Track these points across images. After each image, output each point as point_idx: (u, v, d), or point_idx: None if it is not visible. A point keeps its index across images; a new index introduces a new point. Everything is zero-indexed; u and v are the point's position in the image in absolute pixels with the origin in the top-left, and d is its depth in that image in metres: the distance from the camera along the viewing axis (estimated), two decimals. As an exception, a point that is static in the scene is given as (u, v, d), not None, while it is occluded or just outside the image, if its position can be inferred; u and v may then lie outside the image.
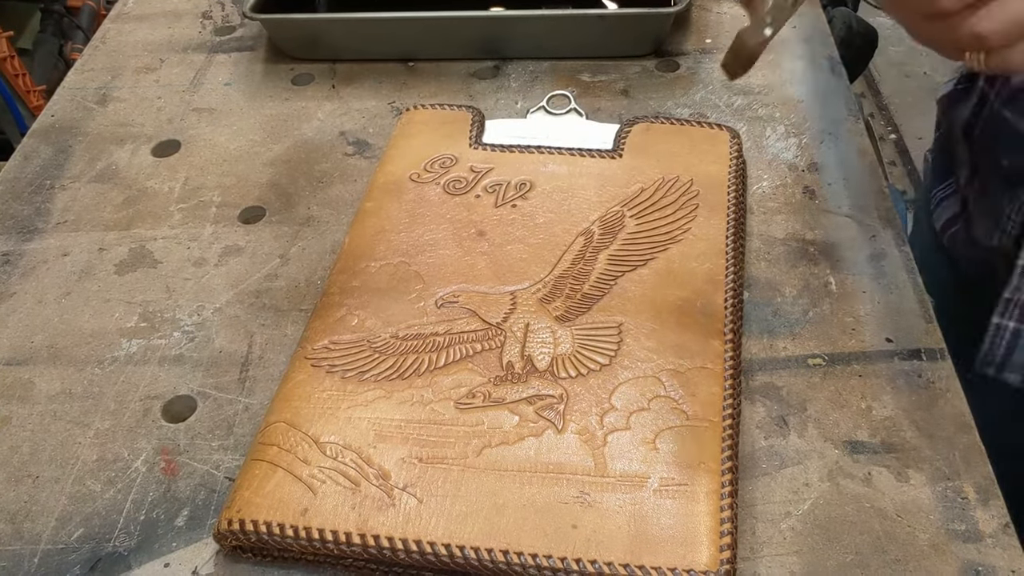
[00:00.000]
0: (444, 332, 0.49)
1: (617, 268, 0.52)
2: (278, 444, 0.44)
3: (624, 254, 0.53)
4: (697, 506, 0.41)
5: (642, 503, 0.41)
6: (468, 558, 0.40)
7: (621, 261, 0.52)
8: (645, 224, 0.54)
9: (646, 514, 0.41)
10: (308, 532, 0.41)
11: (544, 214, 0.55)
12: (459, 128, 0.62)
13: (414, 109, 0.64)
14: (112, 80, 0.74)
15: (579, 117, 0.64)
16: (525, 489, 0.42)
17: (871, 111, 2.10)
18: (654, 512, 0.41)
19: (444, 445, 0.44)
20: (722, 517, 0.40)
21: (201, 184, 0.63)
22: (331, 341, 0.49)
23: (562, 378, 0.47)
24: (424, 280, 0.52)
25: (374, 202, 0.57)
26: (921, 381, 0.48)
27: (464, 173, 0.58)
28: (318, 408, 0.45)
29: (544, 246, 0.53)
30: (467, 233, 0.54)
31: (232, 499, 0.42)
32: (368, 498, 0.42)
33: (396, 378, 0.47)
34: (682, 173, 0.57)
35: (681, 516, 0.40)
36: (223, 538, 0.42)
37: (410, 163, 0.59)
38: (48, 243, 0.60)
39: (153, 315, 0.54)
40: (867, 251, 0.55)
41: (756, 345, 0.50)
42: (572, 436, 0.44)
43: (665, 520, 0.40)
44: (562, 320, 0.50)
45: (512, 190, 0.57)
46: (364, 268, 0.53)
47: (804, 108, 0.66)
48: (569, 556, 0.39)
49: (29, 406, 0.50)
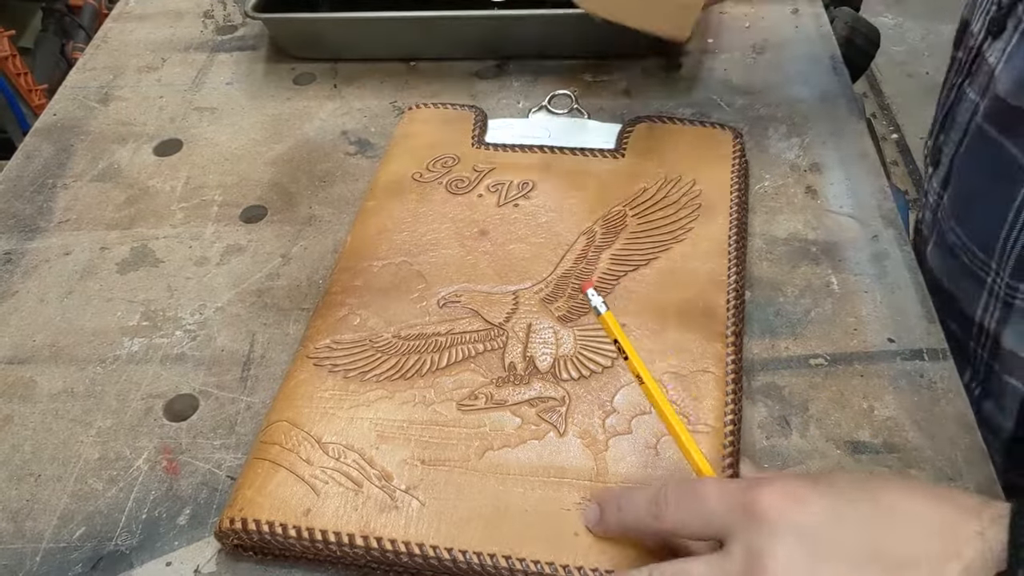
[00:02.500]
0: (446, 332, 0.49)
1: (619, 268, 0.52)
2: (280, 443, 0.44)
3: (626, 253, 0.53)
4: None
5: None
6: (470, 563, 0.40)
7: (623, 260, 0.52)
8: (647, 223, 0.54)
9: None
10: (311, 533, 0.41)
11: (546, 213, 0.55)
12: (461, 128, 0.62)
13: (416, 108, 0.64)
14: (114, 79, 0.74)
15: (581, 117, 0.64)
16: (527, 494, 0.42)
17: (873, 111, 2.10)
18: None
19: (446, 447, 0.44)
20: None
21: (203, 183, 0.63)
22: (333, 340, 0.49)
23: (564, 380, 0.46)
24: (426, 280, 0.52)
25: (376, 201, 0.57)
26: (923, 381, 0.48)
27: (466, 172, 0.58)
28: (320, 408, 0.45)
29: (546, 245, 0.53)
30: (469, 232, 0.54)
31: (234, 498, 0.42)
32: (371, 500, 0.42)
33: (398, 378, 0.47)
34: (685, 173, 0.57)
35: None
36: (225, 537, 0.42)
37: (412, 162, 0.59)
38: (50, 242, 0.60)
39: (155, 314, 0.54)
40: (869, 251, 0.55)
41: (758, 345, 0.50)
42: (574, 439, 0.44)
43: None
44: (564, 320, 0.49)
45: (514, 189, 0.57)
46: (366, 267, 0.53)
47: (806, 108, 0.66)
48: (571, 564, 0.39)
49: (31, 405, 0.50)
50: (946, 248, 0.57)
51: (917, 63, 2.22)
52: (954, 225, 0.56)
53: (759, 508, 0.34)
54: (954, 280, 0.57)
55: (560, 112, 0.64)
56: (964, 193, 0.56)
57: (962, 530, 0.32)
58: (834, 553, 0.33)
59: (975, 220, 0.54)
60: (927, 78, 2.16)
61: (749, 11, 0.76)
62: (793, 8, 0.76)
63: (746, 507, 0.34)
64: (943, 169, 0.58)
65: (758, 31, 0.74)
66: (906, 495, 0.34)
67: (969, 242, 0.54)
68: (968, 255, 0.55)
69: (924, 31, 2.31)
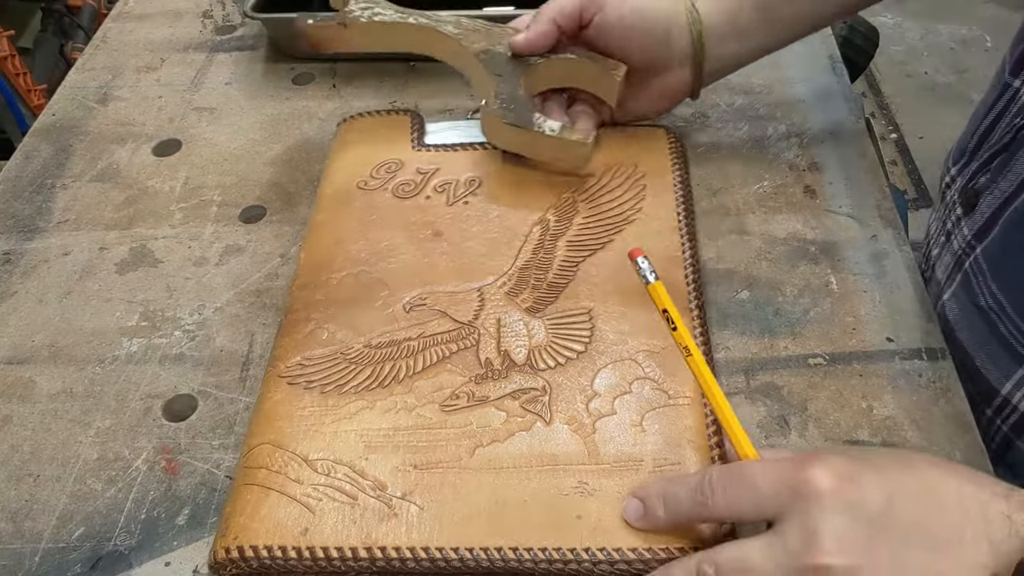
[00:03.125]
0: (417, 336, 0.49)
1: (577, 253, 0.53)
2: (266, 466, 0.43)
3: (582, 238, 0.54)
4: None
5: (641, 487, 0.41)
6: (478, 559, 0.40)
7: (580, 246, 0.53)
8: (597, 208, 0.55)
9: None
10: (312, 551, 0.40)
11: (497, 208, 0.56)
12: (399, 132, 0.62)
13: (351, 119, 0.64)
14: (113, 79, 0.74)
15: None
16: (524, 484, 0.42)
17: (872, 110, 2.10)
18: None
19: (436, 449, 0.44)
20: None
21: (202, 183, 0.63)
22: (304, 357, 0.48)
23: (541, 370, 0.47)
24: (388, 286, 0.52)
25: (325, 214, 0.57)
26: (922, 381, 0.48)
27: (411, 176, 0.58)
28: (302, 426, 0.45)
29: (502, 239, 0.54)
30: (424, 235, 0.54)
31: (226, 526, 0.41)
32: (368, 510, 0.42)
33: (376, 387, 0.47)
34: (625, 160, 0.58)
35: None
36: (222, 567, 0.41)
37: (355, 171, 0.59)
38: (49, 242, 0.60)
39: (154, 314, 0.54)
40: (868, 251, 0.55)
41: (757, 344, 0.50)
42: (561, 426, 0.44)
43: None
44: (532, 311, 0.50)
45: (462, 187, 0.57)
46: (325, 280, 0.52)
47: (805, 107, 0.66)
48: (578, 546, 0.40)
49: (30, 405, 0.50)
50: (973, 307, 0.52)
51: (916, 63, 2.22)
52: (993, 288, 0.51)
53: (811, 488, 0.35)
54: (979, 342, 0.52)
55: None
56: (1015, 257, 0.50)
57: (992, 511, 0.34)
58: (886, 528, 0.34)
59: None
60: (926, 78, 2.17)
61: (748, 11, 0.76)
62: (792, 8, 0.76)
63: (797, 487, 0.35)
64: (980, 217, 0.52)
65: (757, 31, 0.74)
66: (945, 475, 0.36)
67: (1014, 313, 0.49)
68: (1008, 324, 0.50)
69: (923, 31, 2.31)
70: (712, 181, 0.60)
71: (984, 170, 0.53)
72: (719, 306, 0.52)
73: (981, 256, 0.52)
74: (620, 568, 0.39)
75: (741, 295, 0.53)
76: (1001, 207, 0.50)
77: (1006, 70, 0.53)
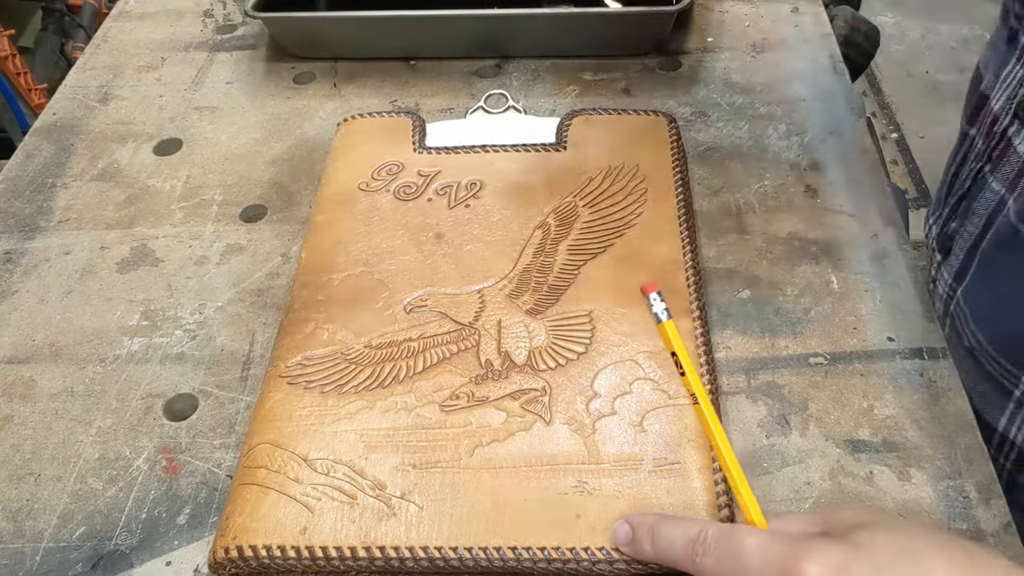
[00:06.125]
0: (418, 337, 0.49)
1: (578, 257, 0.53)
2: (266, 466, 0.43)
3: (583, 242, 0.54)
4: (692, 483, 0.41)
5: (640, 486, 0.42)
6: (477, 559, 0.40)
7: (581, 250, 0.53)
8: (598, 212, 0.55)
9: (646, 496, 0.41)
10: (311, 551, 0.40)
11: (499, 211, 0.56)
12: (401, 134, 0.62)
13: (352, 119, 0.64)
14: (114, 78, 0.74)
15: (518, 114, 0.65)
16: (523, 484, 0.42)
17: (873, 110, 2.10)
18: (653, 493, 0.41)
19: (435, 449, 0.44)
20: (717, 491, 0.41)
21: (203, 183, 0.63)
22: (304, 357, 0.48)
23: (542, 370, 0.47)
24: (389, 287, 0.52)
25: (325, 215, 0.57)
26: (923, 380, 0.48)
27: (412, 178, 0.58)
28: (301, 425, 0.45)
29: (503, 242, 0.54)
30: (425, 237, 0.54)
31: (225, 527, 0.41)
32: (367, 510, 0.42)
33: (376, 387, 0.47)
34: (627, 160, 0.58)
35: (679, 494, 0.41)
36: (221, 567, 0.41)
37: (356, 173, 0.59)
38: (50, 241, 0.60)
39: (155, 313, 0.54)
40: (869, 250, 0.55)
41: (758, 344, 0.50)
42: (561, 427, 0.44)
43: (665, 500, 0.41)
44: (533, 313, 0.50)
45: (463, 190, 0.57)
46: (326, 281, 0.52)
47: (806, 107, 0.66)
48: (577, 545, 0.40)
49: (31, 404, 0.50)
50: (962, 348, 0.52)
51: (917, 62, 2.22)
52: (975, 329, 0.51)
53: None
54: (972, 380, 0.52)
55: (496, 111, 0.65)
56: (988, 296, 0.51)
57: None
58: None
59: (1003, 326, 0.50)
60: (927, 77, 2.17)
61: (749, 10, 0.76)
62: (793, 7, 0.76)
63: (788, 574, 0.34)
64: (956, 260, 0.53)
65: (758, 30, 0.74)
66: (945, 559, 0.34)
67: (994, 351, 0.50)
68: (992, 363, 0.50)
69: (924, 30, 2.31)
70: (712, 181, 0.60)
71: (952, 215, 0.55)
72: (720, 306, 0.52)
73: (961, 298, 0.53)
74: (619, 568, 0.39)
75: (742, 294, 0.53)
76: (972, 249, 0.52)
77: (964, 119, 0.54)
